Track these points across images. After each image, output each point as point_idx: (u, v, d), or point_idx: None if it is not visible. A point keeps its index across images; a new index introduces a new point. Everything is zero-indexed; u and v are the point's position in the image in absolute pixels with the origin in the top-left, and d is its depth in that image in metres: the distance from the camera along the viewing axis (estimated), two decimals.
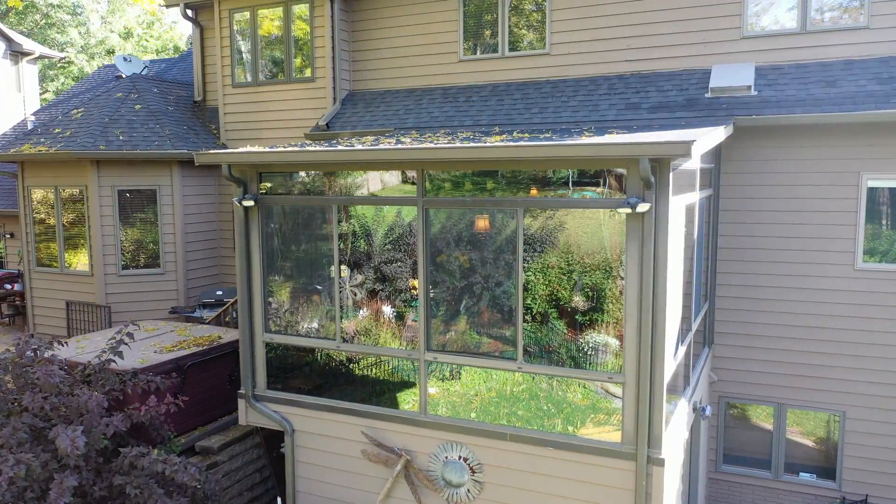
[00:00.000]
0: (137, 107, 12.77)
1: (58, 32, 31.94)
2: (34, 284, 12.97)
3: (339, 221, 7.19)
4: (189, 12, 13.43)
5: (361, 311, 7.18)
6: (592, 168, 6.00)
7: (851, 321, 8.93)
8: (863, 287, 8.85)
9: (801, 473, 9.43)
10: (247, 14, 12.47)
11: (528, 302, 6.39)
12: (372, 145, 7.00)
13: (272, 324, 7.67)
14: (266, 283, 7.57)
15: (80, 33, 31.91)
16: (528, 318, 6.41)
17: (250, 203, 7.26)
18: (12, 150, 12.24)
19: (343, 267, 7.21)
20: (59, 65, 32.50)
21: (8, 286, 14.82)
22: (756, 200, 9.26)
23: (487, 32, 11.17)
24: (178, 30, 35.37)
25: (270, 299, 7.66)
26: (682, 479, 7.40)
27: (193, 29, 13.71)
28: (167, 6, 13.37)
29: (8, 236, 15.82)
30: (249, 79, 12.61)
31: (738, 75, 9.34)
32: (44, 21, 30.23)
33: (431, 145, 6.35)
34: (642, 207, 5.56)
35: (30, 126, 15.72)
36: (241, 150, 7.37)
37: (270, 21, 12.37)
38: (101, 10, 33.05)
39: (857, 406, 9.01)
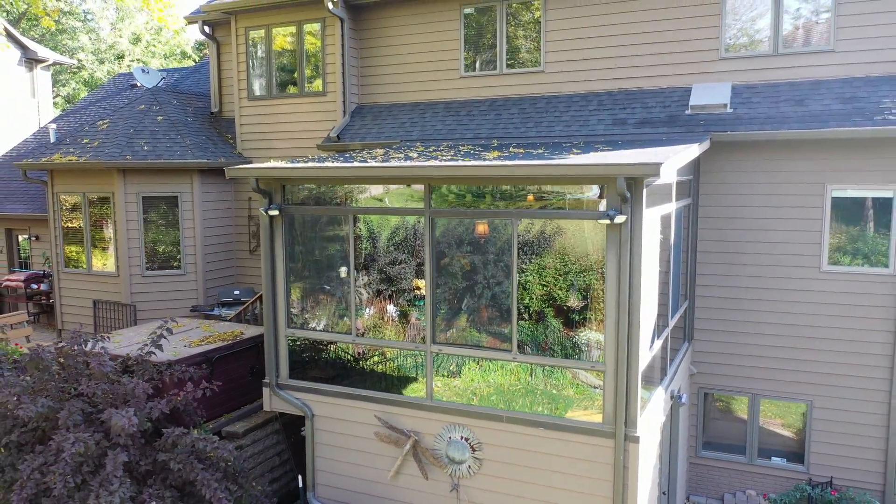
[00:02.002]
0: (160, 118, 13.65)
1: (69, 38, 32.82)
2: (62, 284, 13.86)
3: (355, 223, 8.08)
4: (206, 29, 14.33)
5: (369, 310, 8.08)
6: (578, 184, 6.89)
7: (818, 319, 9.81)
8: (828, 288, 9.73)
9: (773, 458, 10.32)
10: (262, 32, 13.36)
11: (523, 299, 7.28)
12: (384, 161, 7.89)
13: (294, 320, 8.56)
14: (288, 284, 8.47)
15: (90, 39, 32.78)
16: (524, 314, 7.30)
17: (275, 212, 8.15)
18: (43, 160, 13.13)
19: (353, 266, 8.10)
20: (69, 70, 33.39)
21: (34, 286, 15.70)
22: (732, 208, 10.13)
23: (486, 51, 12.05)
24: (185, 35, 36.23)
25: (292, 298, 8.55)
26: (660, 458, 8.28)
27: (210, 44, 14.60)
28: (188, 23, 14.24)
29: (33, 238, 16.71)
30: (264, 92, 13.50)
31: (716, 94, 10.22)
32: (55, 27, 31.09)
33: (436, 163, 7.25)
34: (619, 219, 6.45)
35: (51, 134, 16.58)
36: (267, 165, 8.26)
37: (283, 38, 13.25)
38: (111, 17, 33.93)
39: (823, 396, 9.89)
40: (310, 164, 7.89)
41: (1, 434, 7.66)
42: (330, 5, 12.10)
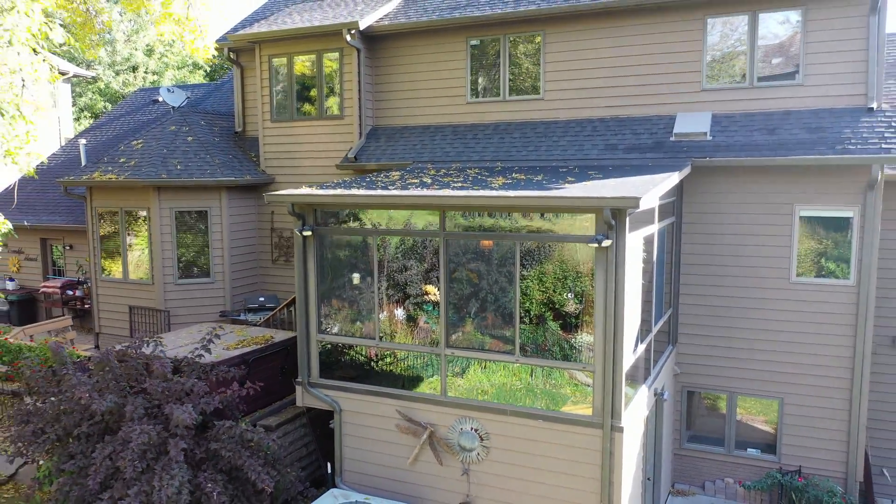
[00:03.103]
0: (190, 139, 14.84)
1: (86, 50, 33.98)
2: (100, 292, 15.05)
3: (378, 242, 9.27)
4: (231, 55, 15.53)
5: (391, 315, 9.26)
6: (571, 212, 8.08)
7: (788, 324, 10.97)
8: (796, 297, 10.90)
9: (749, 449, 11.49)
10: (284, 59, 14.54)
11: (524, 303, 8.47)
12: (402, 189, 9.07)
13: (323, 326, 9.75)
14: (319, 294, 9.65)
15: (106, 51, 33.97)
16: (525, 318, 8.48)
17: (308, 233, 9.34)
18: (84, 177, 14.32)
19: (377, 279, 9.29)
20: (84, 80, 34.55)
21: (70, 292, 16.90)
22: (711, 226, 11.30)
23: (491, 79, 13.23)
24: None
25: (322, 307, 9.73)
26: (644, 448, 9.46)
27: (235, 69, 15.80)
28: (217, 50, 15.42)
29: (67, 248, 17.90)
30: (286, 115, 14.68)
31: (697, 123, 11.40)
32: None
33: (450, 192, 8.44)
34: (606, 243, 7.63)
35: (82, 149, 17.77)
36: (301, 191, 9.45)
37: (304, 64, 14.44)
38: (126, 29, 35.12)
39: (793, 393, 11.06)
40: (339, 192, 9.08)
41: (72, 425, 8.84)
42: (348, 38, 13.29)
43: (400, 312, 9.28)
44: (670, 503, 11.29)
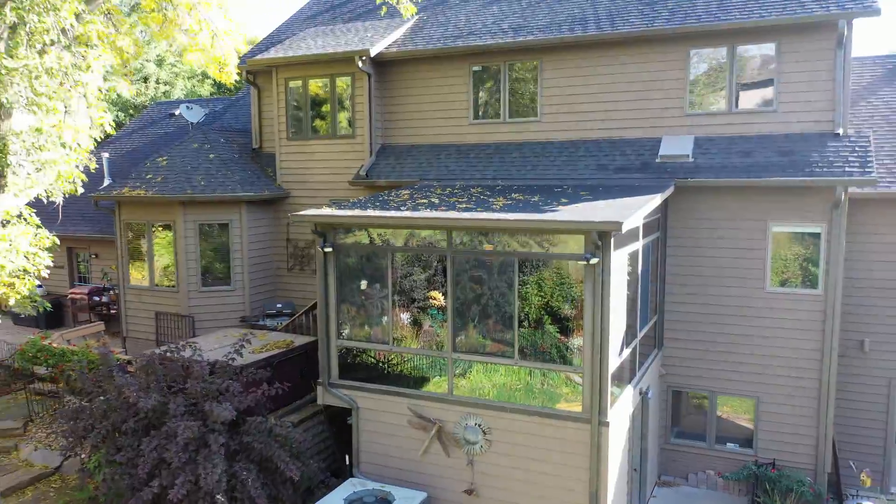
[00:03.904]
0: (211, 156, 15.94)
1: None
2: (128, 298, 16.14)
3: (392, 258, 10.36)
4: (249, 76, 16.61)
5: (403, 322, 10.35)
6: (562, 234, 9.17)
7: (762, 329, 12.05)
8: (770, 305, 11.97)
9: (728, 444, 12.57)
10: (299, 82, 15.63)
11: (525, 310, 9.56)
12: (414, 210, 10.16)
13: (342, 332, 10.84)
14: (338, 304, 10.74)
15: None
16: (525, 324, 9.57)
17: (329, 249, 10.43)
18: (115, 192, 15.41)
19: (391, 291, 10.37)
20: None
21: (96, 298, 17.99)
22: (694, 240, 12.37)
23: (492, 102, 14.32)
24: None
25: (341, 315, 10.82)
26: (630, 441, 10.54)
27: (252, 89, 16.88)
28: (238, 74, 16.49)
29: (93, 256, 19.00)
30: (301, 134, 15.77)
31: (681, 145, 12.48)
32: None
33: (456, 215, 9.53)
34: (594, 261, 8.72)
35: (105, 161, 18.80)
36: (323, 212, 10.54)
37: (318, 86, 15.52)
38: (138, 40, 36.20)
39: (768, 393, 12.14)
40: (357, 212, 10.18)
41: (119, 422, 9.93)
42: (360, 63, 14.38)
43: (408, 317, 10.37)
44: (656, 493, 12.37)
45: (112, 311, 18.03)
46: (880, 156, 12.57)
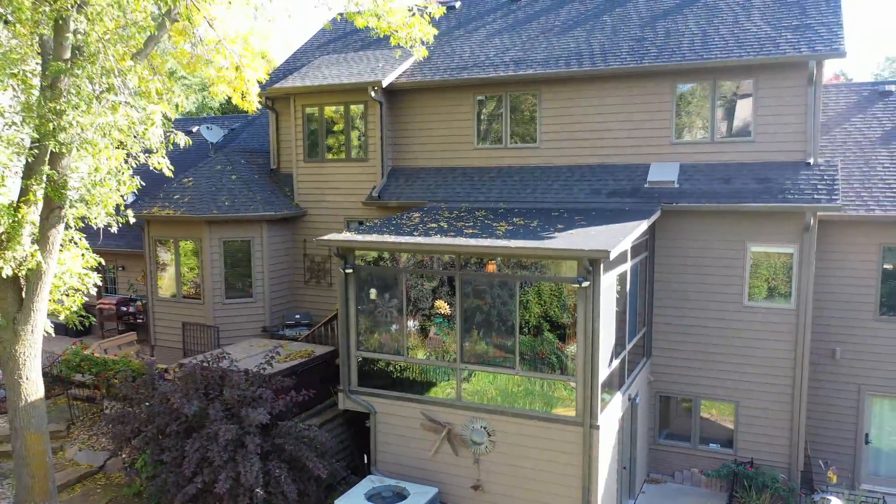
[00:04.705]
0: (234, 177, 17.16)
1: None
2: (156, 310, 17.35)
3: (406, 278, 11.57)
4: (268, 102, 17.81)
5: (414, 333, 11.56)
6: (557, 260, 10.38)
7: (741, 340, 13.24)
8: (748, 318, 13.17)
9: (710, 444, 13.77)
10: (315, 109, 16.84)
11: (526, 318, 10.77)
12: (425, 236, 11.37)
13: (361, 344, 12.05)
14: (358, 319, 11.95)
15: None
16: (525, 331, 10.78)
17: (349, 271, 11.64)
18: (144, 212, 16.62)
19: (406, 308, 11.58)
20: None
21: (124, 308, 19.21)
22: (679, 258, 13.57)
23: (495, 128, 15.51)
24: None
25: (360, 329, 12.03)
26: (620, 442, 11.74)
27: (270, 114, 18.09)
28: (259, 101, 17.72)
29: (120, 269, 20.22)
30: (317, 156, 16.98)
31: (667, 172, 13.68)
32: None
33: (463, 241, 10.75)
34: (585, 284, 9.93)
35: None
36: (344, 237, 11.75)
37: (332, 112, 16.72)
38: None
39: (746, 398, 13.33)
40: (374, 237, 11.40)
41: (163, 425, 11.13)
42: (372, 93, 15.59)
43: (417, 326, 11.57)
44: (645, 489, 13.58)
45: (138, 321, 19.23)
46: (851, 181, 13.77)
